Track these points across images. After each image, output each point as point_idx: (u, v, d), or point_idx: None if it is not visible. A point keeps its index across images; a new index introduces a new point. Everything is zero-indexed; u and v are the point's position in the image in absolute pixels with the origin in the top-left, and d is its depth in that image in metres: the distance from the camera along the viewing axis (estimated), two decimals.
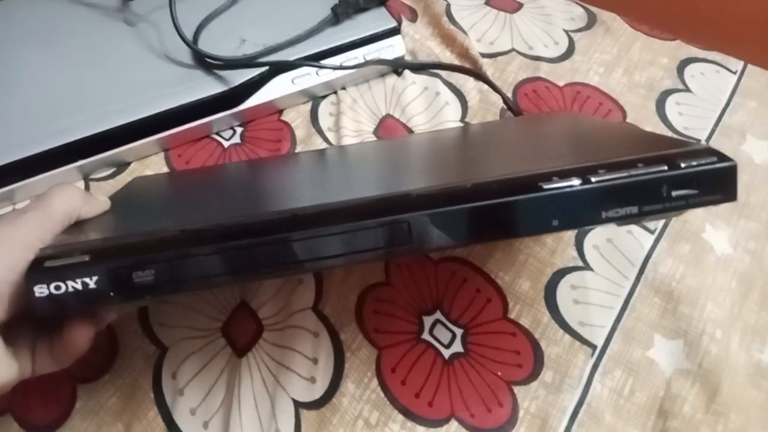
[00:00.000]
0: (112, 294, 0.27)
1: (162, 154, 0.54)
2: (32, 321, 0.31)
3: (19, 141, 0.49)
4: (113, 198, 0.37)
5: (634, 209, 0.28)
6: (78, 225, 0.33)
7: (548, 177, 0.27)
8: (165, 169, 0.54)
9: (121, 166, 0.54)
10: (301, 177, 0.44)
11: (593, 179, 0.27)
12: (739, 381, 0.42)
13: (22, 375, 0.31)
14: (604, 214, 0.28)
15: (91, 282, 0.26)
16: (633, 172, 0.28)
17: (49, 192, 0.32)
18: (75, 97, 0.52)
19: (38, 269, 0.27)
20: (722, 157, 0.28)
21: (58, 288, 0.26)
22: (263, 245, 0.27)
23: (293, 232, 0.27)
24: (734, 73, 0.59)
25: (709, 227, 0.49)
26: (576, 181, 0.27)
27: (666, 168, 0.28)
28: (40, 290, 0.26)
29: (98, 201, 0.35)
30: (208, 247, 0.27)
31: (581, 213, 0.28)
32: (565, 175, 0.28)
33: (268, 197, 0.39)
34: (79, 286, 0.26)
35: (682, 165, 0.28)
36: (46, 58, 0.55)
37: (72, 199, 0.33)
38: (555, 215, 0.27)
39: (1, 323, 0.28)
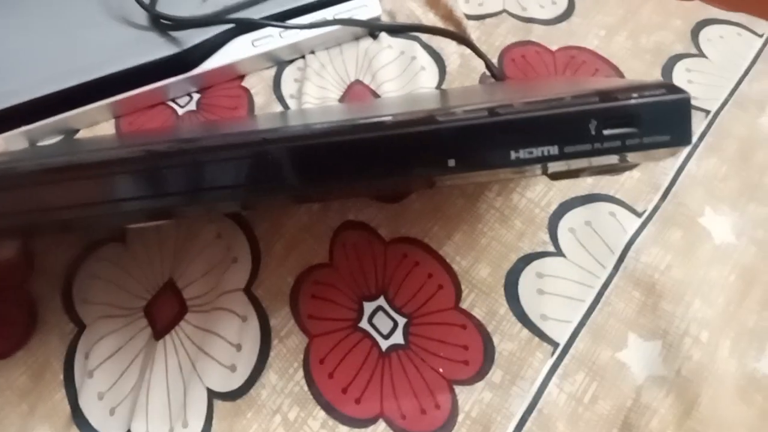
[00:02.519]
0: None
1: (113, 122, 0.51)
2: None
3: None
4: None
5: (554, 149, 0.22)
6: None
7: (451, 112, 0.23)
8: None
9: (69, 133, 0.50)
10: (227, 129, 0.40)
11: (501, 112, 0.22)
12: (725, 393, 0.35)
13: None
14: (513, 154, 0.23)
15: None
16: (553, 104, 0.22)
17: None
18: (20, 59, 0.49)
19: None
20: (672, 89, 0.22)
21: None
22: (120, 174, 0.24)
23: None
24: (760, 36, 0.51)
25: (709, 211, 0.42)
26: (480, 114, 0.22)
27: (597, 100, 0.22)
28: None
29: None
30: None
31: (484, 151, 0.23)
32: (474, 111, 0.23)
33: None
34: None
35: (618, 97, 0.22)
36: None
37: None
38: (451, 153, 0.23)
39: None
